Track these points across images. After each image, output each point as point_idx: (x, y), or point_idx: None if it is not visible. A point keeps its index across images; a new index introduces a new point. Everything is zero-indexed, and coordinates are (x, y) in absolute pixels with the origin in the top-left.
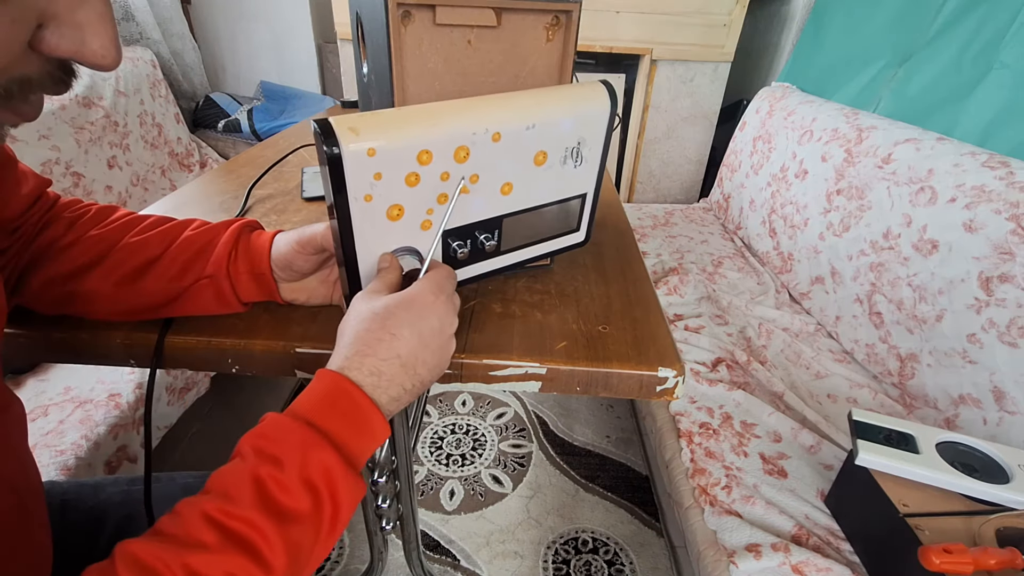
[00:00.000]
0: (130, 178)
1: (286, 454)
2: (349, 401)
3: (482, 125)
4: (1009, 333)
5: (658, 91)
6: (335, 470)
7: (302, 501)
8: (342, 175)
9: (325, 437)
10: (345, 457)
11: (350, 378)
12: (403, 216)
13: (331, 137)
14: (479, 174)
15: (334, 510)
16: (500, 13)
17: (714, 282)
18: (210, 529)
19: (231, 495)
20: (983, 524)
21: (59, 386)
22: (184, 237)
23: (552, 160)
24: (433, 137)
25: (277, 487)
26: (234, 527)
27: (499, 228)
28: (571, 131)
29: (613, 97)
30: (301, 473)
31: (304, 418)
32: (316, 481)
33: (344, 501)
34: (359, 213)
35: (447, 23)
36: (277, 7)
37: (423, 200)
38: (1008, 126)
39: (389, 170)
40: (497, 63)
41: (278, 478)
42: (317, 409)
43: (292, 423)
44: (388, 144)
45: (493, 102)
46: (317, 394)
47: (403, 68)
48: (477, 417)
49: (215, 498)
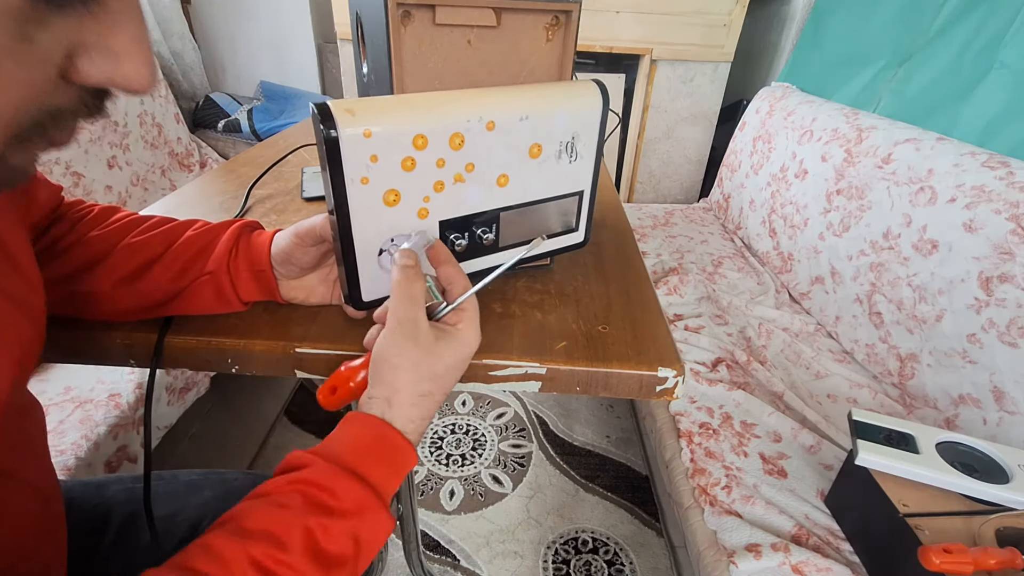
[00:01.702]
0: (130, 178)
1: (342, 509)
2: (392, 449)
3: (476, 113)
4: (1009, 333)
5: (658, 91)
6: (382, 523)
7: (347, 549)
8: (339, 156)
9: (380, 498)
10: (386, 503)
11: (394, 425)
12: (400, 202)
13: (328, 119)
14: (474, 163)
15: (370, 550)
16: (500, 13)
17: (714, 282)
18: (260, 574)
19: (282, 542)
20: (983, 524)
21: (59, 386)
22: (185, 237)
23: (547, 153)
24: (428, 123)
25: (326, 537)
26: (283, 574)
27: (497, 222)
28: (565, 126)
29: (605, 94)
30: (354, 529)
31: (354, 470)
32: (365, 535)
33: (380, 541)
34: (356, 196)
35: (447, 23)
36: (277, 7)
37: (419, 187)
38: (1008, 126)
39: (385, 153)
40: (497, 63)
41: (328, 528)
42: (364, 460)
43: (348, 479)
44: (384, 127)
45: (487, 93)
46: (364, 443)
47: (403, 68)
48: (477, 417)
49: (262, 543)
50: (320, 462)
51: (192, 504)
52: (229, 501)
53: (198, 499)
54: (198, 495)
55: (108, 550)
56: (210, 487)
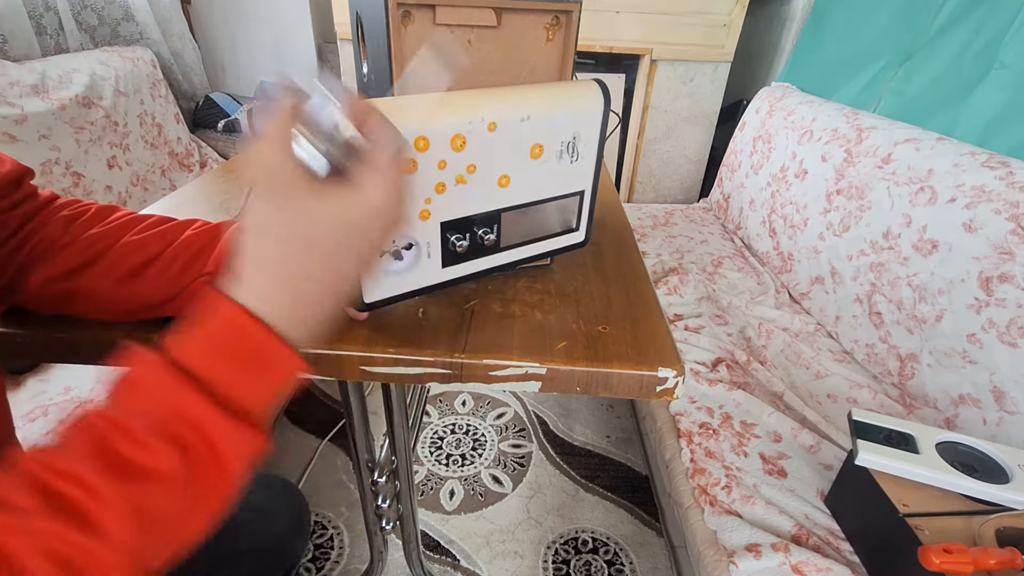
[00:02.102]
0: (130, 178)
1: (140, 399)
2: (231, 329)
3: (478, 114)
4: (1009, 333)
5: (658, 91)
6: (206, 418)
7: (159, 457)
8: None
9: (196, 381)
10: (224, 402)
11: (244, 305)
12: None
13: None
14: (476, 164)
15: (214, 466)
16: (500, 13)
17: (714, 282)
18: (30, 489)
19: (62, 445)
20: (983, 524)
21: (59, 386)
22: (185, 237)
23: (548, 154)
24: (430, 125)
25: (124, 438)
26: (57, 486)
27: (498, 223)
28: (566, 126)
29: (606, 94)
30: (159, 423)
31: (182, 365)
32: (181, 433)
33: (229, 456)
34: None
35: (447, 23)
36: (277, 7)
37: (421, 188)
38: (1008, 126)
39: None
40: (497, 63)
41: (127, 427)
42: (187, 345)
43: (156, 362)
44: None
45: (489, 94)
46: (192, 325)
47: (403, 68)
48: (477, 417)
49: (44, 452)
50: (137, 348)
51: None
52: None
53: None
54: None
55: None
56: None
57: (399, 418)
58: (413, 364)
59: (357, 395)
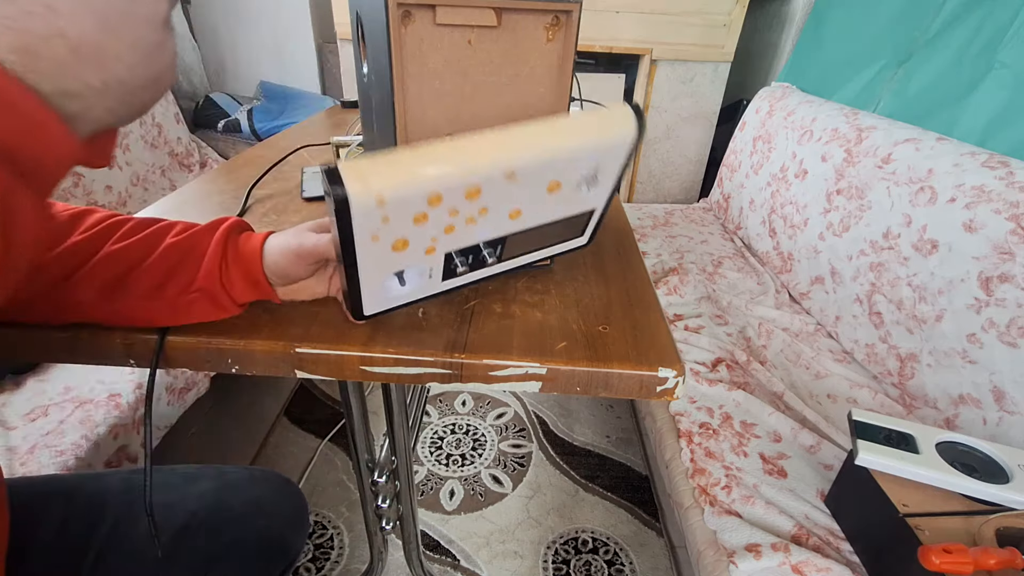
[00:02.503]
0: (130, 178)
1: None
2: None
3: (498, 169)
4: (1009, 333)
5: (658, 91)
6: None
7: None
8: (349, 220)
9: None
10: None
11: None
12: (408, 247)
13: (339, 185)
14: (488, 207)
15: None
16: (500, 13)
17: (714, 282)
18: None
19: None
20: (983, 524)
21: (59, 386)
22: (166, 244)
23: (565, 189)
24: (445, 181)
25: None
26: None
27: (502, 244)
28: (589, 161)
29: (641, 122)
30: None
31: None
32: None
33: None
34: (365, 249)
35: (447, 23)
36: (277, 7)
37: (430, 234)
38: (1008, 126)
39: (397, 215)
40: (497, 63)
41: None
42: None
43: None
44: (397, 192)
45: (512, 140)
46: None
47: (403, 68)
48: (477, 417)
49: None
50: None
51: (190, 495)
52: (226, 493)
53: (195, 490)
54: (195, 486)
55: (104, 540)
56: (207, 479)
57: (399, 418)
58: (413, 364)
59: (357, 395)
